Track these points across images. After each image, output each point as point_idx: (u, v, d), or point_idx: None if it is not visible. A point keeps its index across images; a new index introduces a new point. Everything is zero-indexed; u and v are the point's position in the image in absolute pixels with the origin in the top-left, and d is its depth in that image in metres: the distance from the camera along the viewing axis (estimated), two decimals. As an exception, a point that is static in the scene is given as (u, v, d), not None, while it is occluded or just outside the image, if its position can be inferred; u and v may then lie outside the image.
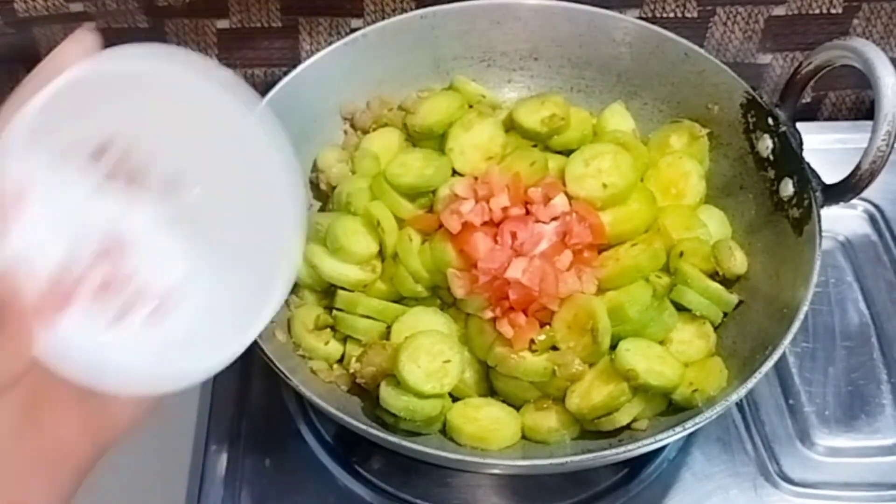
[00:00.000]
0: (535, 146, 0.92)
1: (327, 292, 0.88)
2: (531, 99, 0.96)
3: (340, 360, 0.86)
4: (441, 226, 0.85)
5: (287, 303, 0.88)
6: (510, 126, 0.94)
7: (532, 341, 0.81)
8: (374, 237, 0.87)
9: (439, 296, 0.87)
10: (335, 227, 0.86)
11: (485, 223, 0.84)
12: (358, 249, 0.86)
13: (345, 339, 0.86)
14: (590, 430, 0.81)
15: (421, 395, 0.78)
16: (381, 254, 0.88)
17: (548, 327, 0.82)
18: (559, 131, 0.92)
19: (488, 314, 0.82)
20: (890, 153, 0.79)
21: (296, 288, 0.89)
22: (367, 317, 0.85)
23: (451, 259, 0.83)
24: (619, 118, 0.96)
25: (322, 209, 0.94)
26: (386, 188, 0.88)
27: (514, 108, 0.95)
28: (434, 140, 0.93)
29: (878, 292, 1.00)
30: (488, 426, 0.80)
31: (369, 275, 0.86)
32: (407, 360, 0.78)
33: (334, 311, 0.86)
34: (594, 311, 0.80)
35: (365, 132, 0.97)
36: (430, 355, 0.79)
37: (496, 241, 0.83)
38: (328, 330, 0.86)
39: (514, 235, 0.83)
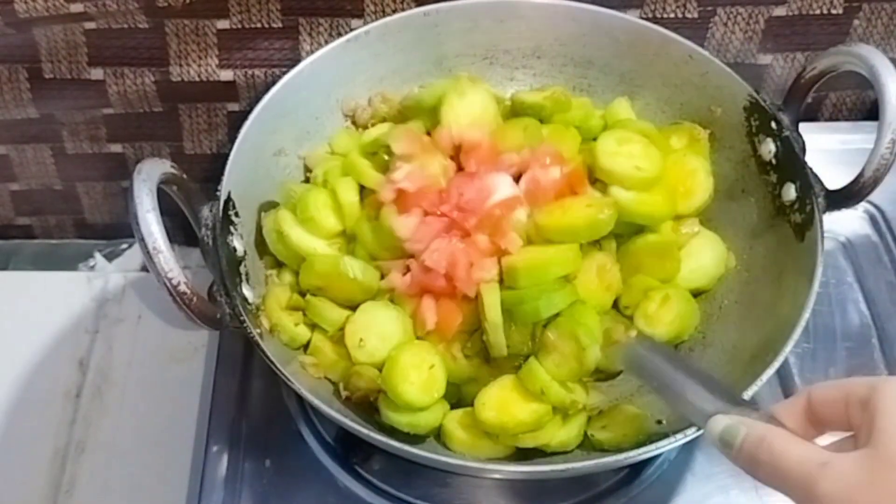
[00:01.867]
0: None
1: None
2: (532, 90, 0.97)
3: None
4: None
5: (266, 279, 0.88)
6: (511, 114, 0.94)
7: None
8: (340, 216, 0.87)
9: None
10: (307, 197, 0.86)
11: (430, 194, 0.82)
12: (326, 224, 0.86)
13: (314, 328, 0.86)
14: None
15: (422, 409, 0.78)
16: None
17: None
18: (562, 108, 0.92)
19: (412, 303, 0.82)
20: (893, 160, 0.80)
21: (277, 264, 0.89)
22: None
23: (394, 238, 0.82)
24: (624, 113, 0.96)
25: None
26: (356, 159, 0.88)
27: (514, 94, 0.96)
28: (425, 115, 0.92)
29: (878, 293, 1.00)
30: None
31: (335, 252, 0.86)
32: (400, 381, 0.78)
33: (307, 296, 0.85)
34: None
35: (366, 129, 0.97)
36: (417, 369, 0.79)
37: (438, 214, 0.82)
38: (300, 313, 0.86)
39: (459, 194, 0.81)
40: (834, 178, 0.84)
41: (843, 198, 0.83)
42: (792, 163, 0.86)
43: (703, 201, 0.90)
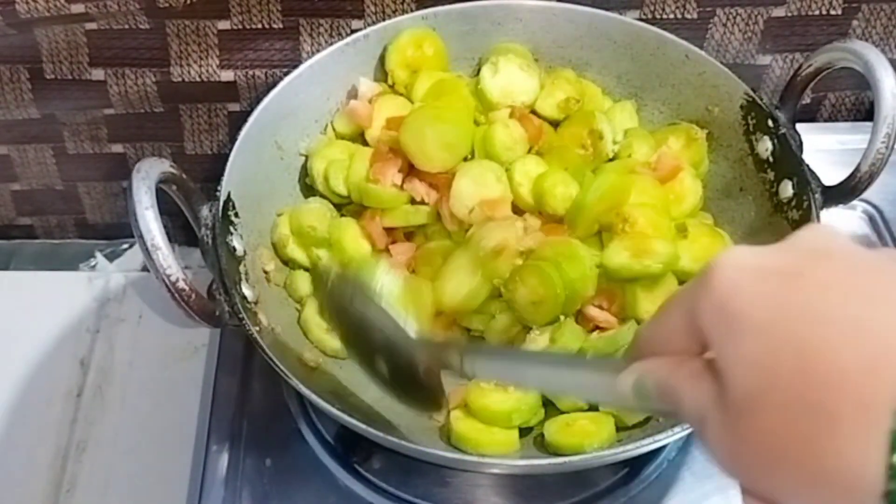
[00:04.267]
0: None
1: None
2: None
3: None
4: None
5: (264, 275, 0.89)
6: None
7: None
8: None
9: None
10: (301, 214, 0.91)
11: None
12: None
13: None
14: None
15: None
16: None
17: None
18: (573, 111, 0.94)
19: None
20: (889, 155, 0.80)
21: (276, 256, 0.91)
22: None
23: None
24: (626, 116, 0.96)
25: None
26: None
27: None
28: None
29: (877, 293, 1.00)
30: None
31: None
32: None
33: None
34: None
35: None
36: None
37: None
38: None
39: None
40: (833, 177, 0.84)
41: (840, 194, 0.83)
42: (789, 160, 0.86)
43: (694, 204, 0.91)
